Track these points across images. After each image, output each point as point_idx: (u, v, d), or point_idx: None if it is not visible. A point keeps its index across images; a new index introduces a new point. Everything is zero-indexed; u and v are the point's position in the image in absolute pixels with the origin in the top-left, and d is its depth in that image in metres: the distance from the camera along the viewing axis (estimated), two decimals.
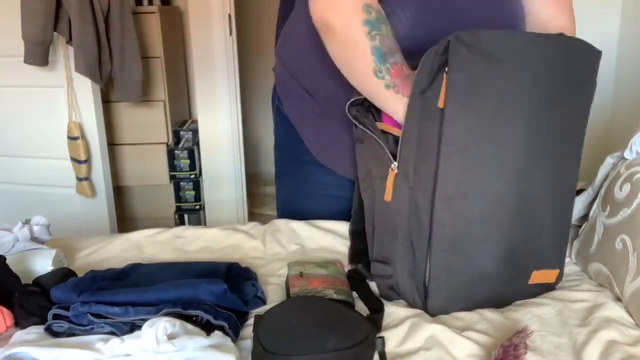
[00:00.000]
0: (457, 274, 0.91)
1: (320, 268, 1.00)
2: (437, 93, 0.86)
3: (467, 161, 0.86)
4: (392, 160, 0.91)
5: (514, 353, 0.76)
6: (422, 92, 0.87)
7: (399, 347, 0.83)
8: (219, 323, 0.83)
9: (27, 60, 2.15)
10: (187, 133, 2.73)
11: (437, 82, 0.85)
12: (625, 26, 2.31)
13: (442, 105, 0.85)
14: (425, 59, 0.85)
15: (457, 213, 0.88)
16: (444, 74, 0.84)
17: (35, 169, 2.44)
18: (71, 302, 0.86)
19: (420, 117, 0.87)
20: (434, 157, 0.86)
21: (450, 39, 0.83)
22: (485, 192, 0.88)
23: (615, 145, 1.11)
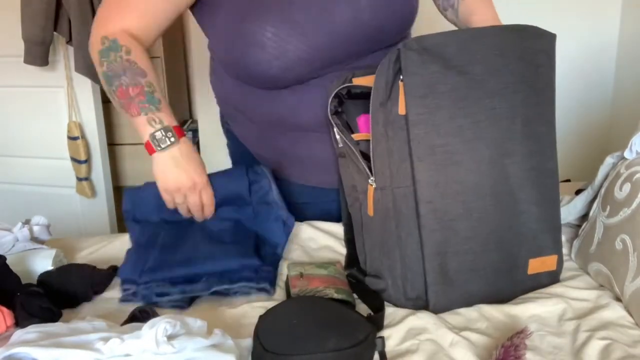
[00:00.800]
0: (453, 275, 0.91)
1: (320, 268, 1.01)
2: (396, 101, 0.88)
3: (439, 159, 0.88)
4: (369, 175, 0.94)
5: (515, 353, 0.76)
6: (382, 103, 0.90)
7: (399, 346, 0.83)
8: (262, 286, 0.99)
9: (27, 60, 2.15)
10: (187, 133, 2.73)
11: (395, 91, 0.88)
12: (625, 26, 2.31)
13: (404, 112, 0.88)
14: (379, 71, 0.90)
15: (441, 215, 0.89)
16: (399, 81, 0.87)
17: (35, 169, 2.44)
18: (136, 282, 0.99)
19: (386, 128, 0.90)
20: (408, 163, 0.89)
21: (399, 47, 0.87)
22: (463, 187, 0.90)
23: (615, 145, 1.11)
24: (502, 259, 0.93)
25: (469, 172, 0.89)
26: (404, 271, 0.92)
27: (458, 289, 0.91)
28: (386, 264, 0.94)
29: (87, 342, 0.75)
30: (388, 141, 0.90)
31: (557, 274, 0.99)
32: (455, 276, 0.91)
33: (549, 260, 0.97)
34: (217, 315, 0.93)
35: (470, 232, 0.91)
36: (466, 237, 0.91)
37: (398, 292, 0.93)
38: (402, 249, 0.92)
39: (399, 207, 0.91)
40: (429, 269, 0.90)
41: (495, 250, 0.92)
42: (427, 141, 0.88)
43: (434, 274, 0.90)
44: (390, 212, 0.92)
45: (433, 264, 0.90)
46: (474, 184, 0.90)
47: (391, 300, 0.94)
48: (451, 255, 0.90)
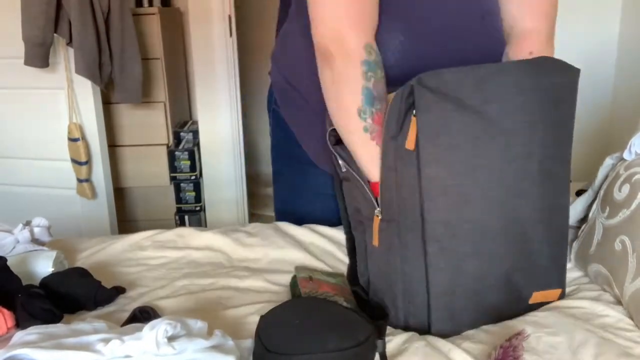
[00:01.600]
0: (458, 313, 0.89)
1: (329, 277, 1.01)
2: (407, 136, 0.85)
3: (450, 199, 0.86)
4: (375, 205, 0.91)
5: (514, 354, 0.76)
6: (393, 137, 0.87)
7: (399, 348, 0.83)
8: None
9: (27, 61, 2.15)
10: (188, 134, 2.73)
11: (407, 125, 0.85)
12: (625, 26, 2.31)
13: (412, 147, 0.85)
14: (393, 104, 0.86)
15: (449, 254, 0.87)
16: (412, 116, 0.84)
17: (36, 171, 2.44)
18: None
19: (396, 161, 0.87)
20: (417, 200, 0.86)
21: (413, 83, 0.83)
22: (474, 227, 0.87)
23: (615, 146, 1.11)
24: (508, 295, 0.92)
25: (480, 213, 0.87)
26: (407, 305, 0.90)
27: (461, 324, 0.90)
28: (389, 296, 0.92)
29: (88, 343, 0.75)
30: (397, 175, 0.88)
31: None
32: (460, 314, 0.89)
33: (552, 293, 0.96)
34: (218, 316, 0.93)
35: (479, 272, 0.88)
36: (475, 278, 0.88)
37: (399, 323, 0.92)
38: (406, 284, 0.90)
39: (405, 242, 0.88)
40: (434, 307, 0.88)
41: (503, 289, 0.91)
42: (438, 181, 0.85)
43: (439, 311, 0.88)
44: (395, 245, 0.90)
45: (439, 303, 0.88)
46: (485, 225, 0.87)
47: (392, 326, 0.92)
48: (458, 295, 0.88)
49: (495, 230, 0.88)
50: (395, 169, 0.88)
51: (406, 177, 0.86)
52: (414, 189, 0.86)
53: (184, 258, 1.15)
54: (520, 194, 0.88)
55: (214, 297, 1.00)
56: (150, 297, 1.00)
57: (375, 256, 0.95)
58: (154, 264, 1.13)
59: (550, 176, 0.91)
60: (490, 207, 0.87)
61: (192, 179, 2.73)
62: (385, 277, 0.92)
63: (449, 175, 0.85)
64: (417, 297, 0.89)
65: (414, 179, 0.85)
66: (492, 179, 0.86)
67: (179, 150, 2.69)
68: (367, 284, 0.99)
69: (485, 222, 0.87)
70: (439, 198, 0.85)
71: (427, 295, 0.88)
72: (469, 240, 0.87)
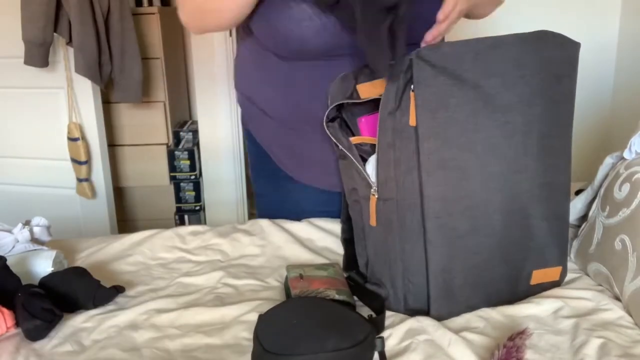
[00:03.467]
0: (456, 290, 0.90)
1: (320, 270, 1.01)
2: (406, 111, 0.85)
3: (449, 174, 0.86)
4: (371, 184, 0.91)
5: (517, 354, 0.76)
6: (390, 112, 0.87)
7: (398, 346, 0.83)
8: None
9: (27, 61, 2.14)
10: (187, 134, 2.73)
11: (405, 101, 0.85)
12: (625, 26, 2.31)
13: (414, 123, 0.85)
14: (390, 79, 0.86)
15: (448, 231, 0.87)
16: (410, 92, 0.84)
17: (36, 170, 2.44)
18: None
19: (394, 138, 0.87)
20: (416, 176, 0.86)
21: (412, 57, 0.83)
22: (472, 203, 0.87)
23: (615, 145, 1.11)
24: (506, 273, 0.92)
25: (479, 188, 0.87)
26: (406, 283, 0.91)
27: (460, 302, 0.90)
28: (387, 275, 0.93)
29: None
30: (395, 151, 0.87)
31: (559, 283, 0.99)
32: (459, 291, 0.90)
33: (552, 271, 0.96)
34: (216, 315, 0.93)
35: (477, 248, 0.89)
36: (473, 253, 0.89)
37: (398, 303, 0.92)
38: (405, 262, 0.90)
39: (403, 220, 0.89)
40: (432, 284, 0.89)
41: (501, 265, 0.91)
42: (437, 155, 0.85)
43: (437, 289, 0.89)
44: (394, 224, 0.90)
45: (437, 280, 0.88)
46: (484, 200, 0.87)
47: (391, 308, 0.93)
48: (457, 271, 0.89)
49: (493, 206, 0.88)
50: (394, 145, 0.87)
51: (405, 153, 0.87)
52: (412, 164, 0.86)
53: (183, 257, 1.15)
54: (519, 169, 0.89)
55: (212, 295, 1.00)
56: (149, 297, 1.00)
57: (373, 236, 0.95)
58: (153, 264, 1.13)
59: (550, 152, 0.91)
60: (489, 182, 0.87)
61: (191, 178, 2.73)
62: (384, 257, 0.93)
63: (447, 149, 0.85)
64: (416, 275, 0.90)
65: (412, 154, 0.86)
66: (491, 154, 0.87)
67: (179, 150, 2.69)
68: (365, 266, 0.99)
69: (483, 197, 0.87)
70: (438, 172, 0.85)
71: (426, 273, 0.89)
72: (467, 215, 0.87)
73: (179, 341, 0.87)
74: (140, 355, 0.84)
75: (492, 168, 0.87)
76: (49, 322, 0.88)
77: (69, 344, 0.87)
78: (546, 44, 0.88)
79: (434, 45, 0.83)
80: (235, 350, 0.84)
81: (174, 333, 0.89)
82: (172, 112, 2.71)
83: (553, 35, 0.89)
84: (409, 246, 0.89)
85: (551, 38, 0.89)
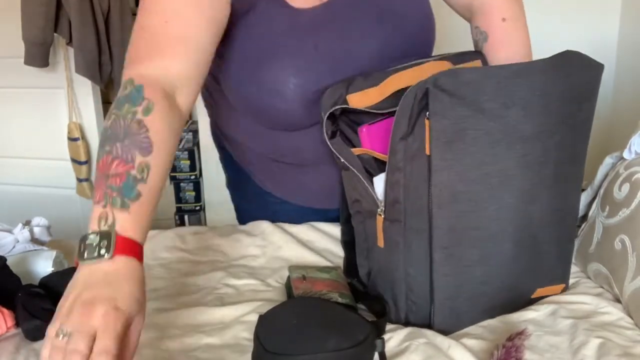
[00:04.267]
0: (462, 315, 0.88)
1: (322, 272, 1.00)
2: (418, 138, 0.81)
3: (460, 208, 0.82)
4: (378, 204, 0.89)
5: (516, 355, 0.76)
6: (402, 137, 0.82)
7: (398, 347, 0.83)
8: None
9: (27, 61, 2.15)
10: (187, 134, 2.73)
11: (419, 127, 0.81)
12: (625, 27, 2.31)
13: (429, 152, 0.80)
14: (403, 103, 0.81)
15: (456, 261, 0.85)
16: (424, 119, 0.80)
17: (35, 170, 2.44)
18: None
19: (404, 163, 0.83)
20: (425, 203, 0.82)
21: (428, 85, 0.78)
22: (483, 234, 0.84)
23: (615, 145, 1.11)
24: (511, 295, 0.91)
25: (490, 220, 0.83)
26: (409, 304, 0.89)
27: (463, 324, 0.89)
28: (389, 293, 0.91)
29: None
30: (405, 176, 0.83)
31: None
32: (464, 316, 0.88)
33: (555, 288, 0.95)
34: (217, 315, 0.93)
35: (486, 277, 0.86)
36: (481, 282, 0.86)
37: (399, 319, 0.91)
38: (408, 285, 0.88)
39: (410, 244, 0.86)
40: (437, 309, 0.86)
41: (506, 290, 0.89)
42: (449, 189, 0.81)
43: (442, 315, 0.87)
44: (399, 246, 0.87)
45: (443, 307, 0.86)
46: (495, 231, 0.84)
47: (391, 321, 0.91)
48: (463, 299, 0.87)
49: (504, 236, 0.85)
50: (404, 170, 0.83)
51: (414, 181, 0.83)
52: (421, 192, 0.82)
53: (183, 257, 1.15)
54: (532, 200, 0.86)
55: (213, 295, 1.00)
56: (149, 296, 1.00)
57: (377, 254, 0.93)
58: (153, 264, 1.13)
59: (563, 179, 0.88)
60: (501, 214, 0.84)
61: (191, 178, 2.73)
62: (388, 276, 0.91)
63: (460, 182, 0.81)
64: (420, 298, 0.88)
65: (424, 184, 0.82)
66: (506, 186, 0.83)
67: (179, 150, 2.69)
68: (366, 277, 0.98)
69: (495, 229, 0.84)
70: (449, 205, 0.82)
71: (430, 299, 0.87)
72: (476, 246, 0.84)
73: (179, 341, 0.87)
74: (140, 355, 0.84)
75: (506, 199, 0.84)
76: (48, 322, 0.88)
77: None
78: (571, 67, 0.84)
79: (453, 72, 0.78)
80: (235, 350, 0.84)
81: (174, 333, 0.89)
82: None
83: (579, 57, 0.85)
84: (413, 270, 0.87)
85: (576, 60, 0.85)
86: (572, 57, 0.84)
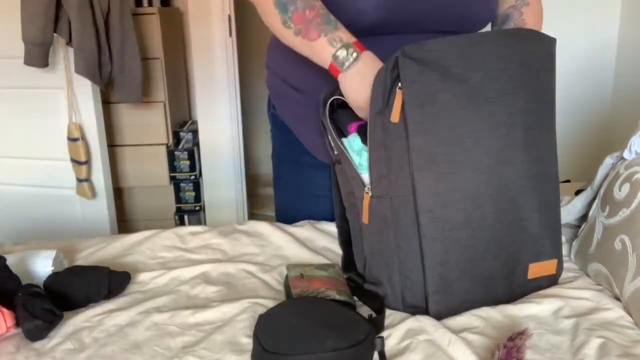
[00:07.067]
0: (453, 284, 0.90)
1: (320, 270, 1.01)
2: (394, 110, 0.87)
3: (439, 168, 0.87)
4: (364, 183, 0.93)
5: (517, 355, 0.76)
6: (379, 112, 0.89)
7: (398, 346, 0.83)
8: None
9: (27, 61, 2.15)
10: (187, 134, 2.73)
11: (393, 99, 0.87)
12: (625, 26, 2.31)
13: (397, 119, 0.87)
14: (377, 80, 0.88)
15: (442, 224, 0.88)
16: (397, 89, 0.86)
17: (35, 170, 2.44)
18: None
19: (384, 136, 0.89)
20: (407, 172, 0.88)
21: (397, 55, 0.85)
22: (463, 195, 0.88)
23: (615, 145, 1.11)
24: (501, 266, 0.93)
25: (469, 181, 0.88)
26: (403, 280, 0.92)
27: (458, 297, 0.91)
28: (385, 273, 0.94)
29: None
30: (386, 149, 0.89)
31: (557, 277, 0.99)
32: (456, 284, 0.90)
33: (548, 264, 0.97)
34: (216, 314, 0.93)
35: (470, 240, 0.90)
36: (467, 246, 0.90)
37: (397, 300, 0.93)
38: (401, 258, 0.91)
39: (397, 216, 0.90)
40: (429, 278, 0.89)
41: (495, 258, 0.92)
42: (427, 150, 0.87)
43: (434, 284, 0.89)
44: (388, 220, 0.91)
45: (434, 274, 0.89)
46: (474, 192, 0.89)
47: (389, 306, 0.94)
48: (452, 264, 0.89)
49: (484, 198, 0.90)
50: (384, 144, 0.89)
51: (395, 150, 0.88)
52: (403, 161, 0.88)
53: (182, 257, 1.15)
54: (506, 161, 0.90)
55: (212, 295, 1.00)
56: (149, 295, 1.00)
57: (368, 235, 0.96)
58: (153, 263, 1.13)
59: (535, 143, 0.93)
60: (478, 175, 0.89)
61: (191, 178, 2.73)
62: (380, 255, 0.94)
63: (436, 144, 0.87)
64: (413, 271, 0.90)
65: (403, 151, 0.87)
66: (479, 147, 0.88)
67: (179, 150, 2.69)
68: (363, 268, 1.00)
69: (474, 190, 0.89)
70: (428, 167, 0.87)
71: (422, 267, 0.89)
72: (459, 208, 0.89)
73: (180, 339, 0.87)
74: (140, 353, 0.84)
75: (480, 160, 0.89)
76: (49, 322, 0.88)
77: (69, 342, 0.87)
78: (524, 39, 0.92)
79: (419, 43, 0.86)
80: (234, 350, 0.84)
81: (174, 331, 0.89)
82: (172, 112, 2.71)
83: (529, 31, 0.94)
84: (404, 242, 0.90)
85: (530, 34, 0.93)
86: (524, 30, 0.95)
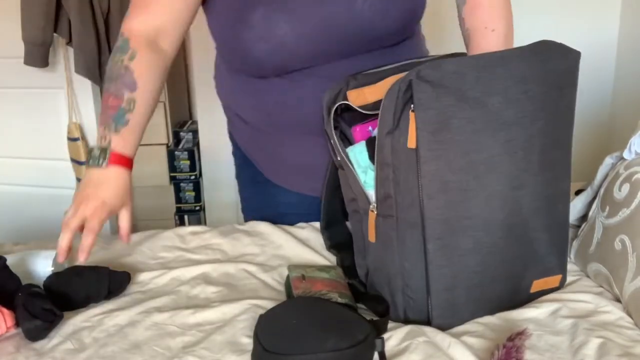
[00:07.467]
0: (459, 307, 0.89)
1: (322, 272, 1.00)
2: (404, 132, 0.82)
3: (450, 196, 0.84)
4: (370, 201, 0.90)
5: (517, 355, 0.76)
6: (388, 132, 0.84)
7: (398, 346, 0.83)
8: None
9: (27, 61, 2.14)
10: (187, 134, 2.73)
11: (404, 121, 0.82)
12: (625, 26, 2.31)
13: (414, 145, 0.82)
14: (387, 99, 0.83)
15: (450, 251, 0.85)
16: (409, 112, 0.81)
17: (36, 170, 2.44)
18: None
19: (392, 157, 0.85)
20: (416, 196, 0.84)
21: (412, 77, 0.80)
22: (474, 222, 0.85)
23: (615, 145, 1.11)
24: (508, 287, 0.91)
25: (480, 208, 0.85)
26: (407, 299, 0.89)
27: (462, 318, 0.89)
28: (387, 290, 0.92)
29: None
30: (395, 171, 0.85)
31: (559, 288, 0.98)
32: (463, 307, 0.89)
33: (553, 280, 0.96)
34: (216, 314, 0.93)
35: (480, 266, 0.87)
36: (476, 272, 0.87)
37: (398, 317, 0.91)
38: (405, 279, 0.88)
39: (403, 238, 0.87)
40: (435, 303, 0.87)
41: (503, 280, 0.90)
42: (438, 178, 0.82)
43: (440, 308, 0.87)
44: (393, 241, 0.88)
45: (439, 299, 0.87)
46: (485, 219, 0.86)
47: (391, 320, 0.91)
48: (460, 290, 0.87)
49: (496, 223, 0.87)
50: (392, 165, 0.85)
51: (404, 174, 0.84)
52: (412, 185, 0.84)
53: (182, 257, 1.15)
54: (520, 185, 0.87)
55: (212, 295, 1.00)
56: (149, 295, 1.00)
57: (372, 251, 0.94)
58: (153, 263, 1.13)
59: (551, 164, 0.89)
60: (490, 201, 0.85)
61: (191, 178, 2.73)
62: (384, 273, 0.92)
63: (449, 171, 0.83)
64: (417, 292, 0.88)
65: (413, 175, 0.83)
66: (493, 173, 0.84)
67: (179, 150, 2.69)
68: (365, 277, 0.98)
69: (485, 216, 0.86)
70: (439, 195, 0.83)
71: (427, 291, 0.87)
72: (469, 235, 0.85)
73: (180, 339, 0.87)
74: (141, 353, 0.84)
75: (494, 186, 0.85)
76: (49, 322, 0.88)
77: (69, 342, 0.87)
78: (549, 55, 0.86)
79: (436, 63, 0.80)
80: (235, 350, 0.84)
81: (174, 331, 0.89)
82: (172, 112, 2.70)
83: (555, 46, 0.87)
84: (408, 264, 0.87)
85: (553, 49, 0.87)
86: (549, 44, 0.87)
